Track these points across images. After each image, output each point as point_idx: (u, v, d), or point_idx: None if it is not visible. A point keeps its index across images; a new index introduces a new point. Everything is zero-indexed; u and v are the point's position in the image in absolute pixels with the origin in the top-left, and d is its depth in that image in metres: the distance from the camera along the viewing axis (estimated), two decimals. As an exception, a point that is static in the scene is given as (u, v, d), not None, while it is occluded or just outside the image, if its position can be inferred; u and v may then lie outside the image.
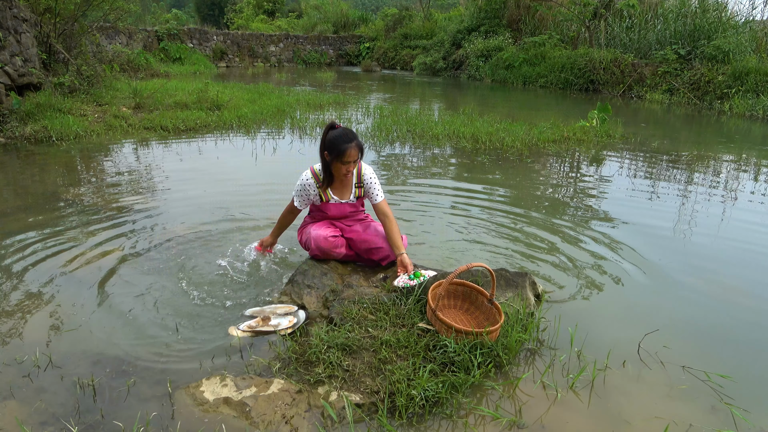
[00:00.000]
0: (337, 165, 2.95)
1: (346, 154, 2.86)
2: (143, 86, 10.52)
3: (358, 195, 3.21)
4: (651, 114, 11.61)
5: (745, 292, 3.24)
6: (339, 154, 2.87)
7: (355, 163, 2.98)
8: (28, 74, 7.99)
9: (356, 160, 2.94)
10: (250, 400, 2.05)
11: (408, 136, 7.76)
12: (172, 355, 2.39)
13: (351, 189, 3.19)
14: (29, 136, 6.84)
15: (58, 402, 2.06)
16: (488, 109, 10.94)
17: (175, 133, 7.66)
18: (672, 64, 13.89)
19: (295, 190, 3.16)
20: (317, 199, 3.16)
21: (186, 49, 22.47)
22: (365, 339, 2.40)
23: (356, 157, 2.92)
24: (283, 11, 38.65)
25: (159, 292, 3.00)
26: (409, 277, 2.85)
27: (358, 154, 2.92)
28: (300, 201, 3.17)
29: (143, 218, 4.15)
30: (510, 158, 6.59)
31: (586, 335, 2.60)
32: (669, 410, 2.12)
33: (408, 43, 26.14)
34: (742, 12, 15.65)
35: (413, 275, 2.85)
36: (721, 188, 5.53)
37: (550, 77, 16.50)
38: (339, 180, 3.11)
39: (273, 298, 2.94)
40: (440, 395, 2.08)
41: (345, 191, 3.19)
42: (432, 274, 2.88)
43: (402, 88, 17.35)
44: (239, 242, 3.69)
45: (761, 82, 11.77)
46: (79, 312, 2.75)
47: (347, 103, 11.46)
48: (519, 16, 20.15)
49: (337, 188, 3.18)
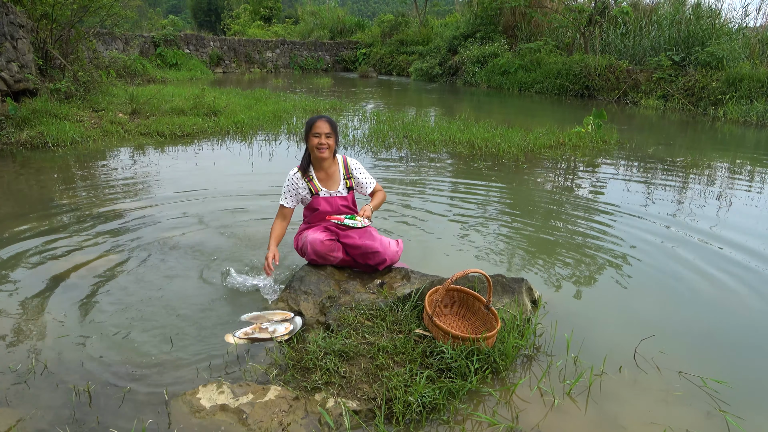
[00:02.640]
0: (310, 140, 3.13)
1: (314, 125, 3.09)
2: (140, 92, 10.52)
3: (349, 186, 3.29)
4: (646, 120, 11.68)
5: (741, 297, 3.25)
6: (310, 127, 3.11)
7: (328, 138, 3.09)
8: (24, 80, 7.98)
9: (327, 133, 3.09)
10: (247, 407, 2.04)
11: (404, 142, 7.78)
12: (168, 362, 2.39)
13: (339, 180, 3.26)
14: (25, 142, 6.83)
15: (53, 409, 2.05)
16: (484, 115, 10.98)
17: (172, 139, 7.66)
18: (666, 71, 13.99)
19: (283, 189, 3.22)
20: (307, 194, 3.20)
21: (183, 55, 22.49)
22: (362, 345, 2.40)
23: (325, 129, 3.08)
24: (279, 17, 38.79)
25: (155, 298, 2.99)
26: (347, 217, 3.11)
27: (327, 126, 3.09)
28: (288, 199, 3.20)
29: (139, 225, 4.15)
30: (506, 164, 6.62)
31: (583, 341, 2.60)
32: (665, 416, 2.13)
33: (404, 49, 26.26)
34: (735, 19, 15.76)
35: (352, 216, 3.14)
36: (716, 193, 5.56)
37: (546, 83, 16.59)
38: (316, 160, 3.19)
39: (270, 304, 2.94)
40: (437, 401, 2.08)
41: (332, 182, 3.25)
42: (368, 223, 3.11)
43: (398, 93, 17.40)
44: (236, 248, 3.69)
45: (755, 88, 11.86)
46: (73, 319, 2.74)
47: (344, 109, 11.49)
48: (514, 23, 20.27)
49: (324, 179, 3.24)
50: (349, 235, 3.16)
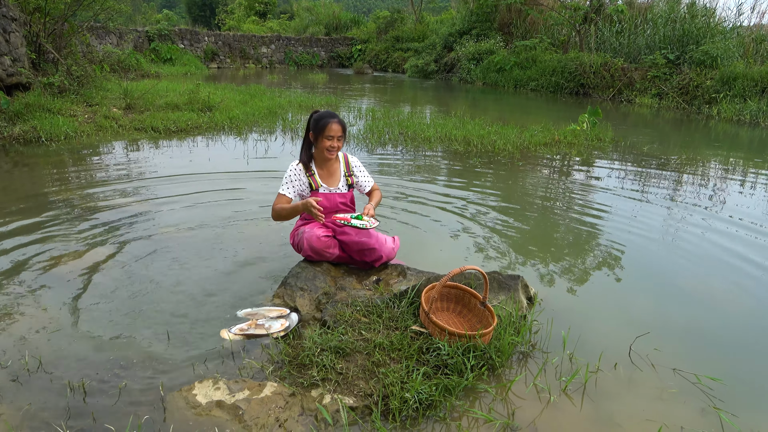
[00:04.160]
0: (321, 141, 3.06)
1: (328, 128, 3.01)
2: (134, 87, 10.44)
3: (349, 183, 3.27)
4: (640, 118, 11.72)
5: (735, 295, 3.28)
6: (322, 129, 3.02)
7: (339, 140, 3.06)
8: (17, 74, 7.91)
9: (339, 136, 3.05)
10: (243, 403, 2.04)
11: (400, 139, 7.77)
12: (164, 358, 2.38)
13: (339, 178, 3.25)
14: (18, 137, 6.76)
15: (48, 406, 2.04)
16: (479, 112, 10.99)
17: (166, 134, 7.61)
18: (661, 69, 14.04)
19: (284, 179, 3.16)
20: (306, 188, 3.17)
21: (177, 49, 22.34)
22: (358, 342, 2.40)
23: (339, 132, 3.04)
24: (274, 13, 38.63)
25: (149, 294, 2.97)
26: (353, 216, 3.03)
27: (340, 130, 3.04)
28: (290, 189, 3.14)
29: (133, 220, 4.12)
30: (502, 161, 6.62)
31: (578, 338, 2.61)
32: (660, 413, 2.14)
33: (400, 46, 26.23)
34: (729, 18, 15.83)
35: (358, 216, 3.04)
36: (710, 192, 5.59)
37: (541, 80, 16.62)
38: (323, 159, 3.16)
39: (265, 300, 2.93)
40: (433, 398, 2.08)
41: (333, 179, 3.23)
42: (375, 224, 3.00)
43: (394, 90, 17.38)
44: (231, 243, 3.68)
45: (748, 87, 11.93)
46: (68, 314, 2.73)
47: (339, 105, 11.45)
48: (510, 20, 20.28)
49: (325, 176, 3.21)
50: (345, 231, 3.15)
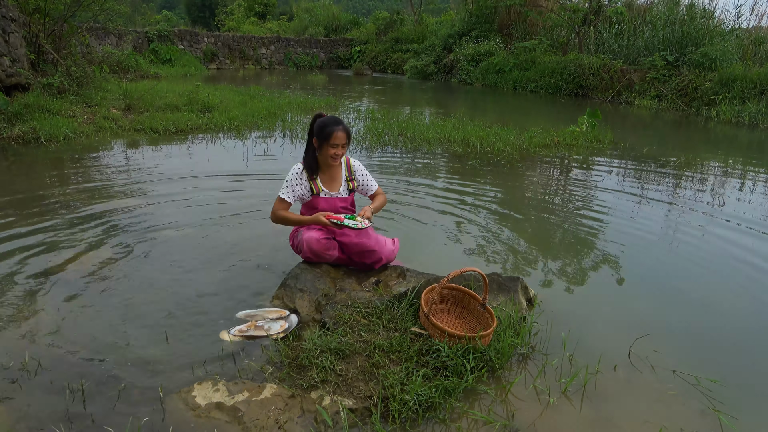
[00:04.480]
0: (325, 149, 3.02)
1: (333, 135, 2.96)
2: (133, 88, 10.44)
3: (351, 188, 3.26)
4: (639, 119, 11.74)
5: (735, 296, 3.28)
6: (327, 137, 2.97)
7: (343, 147, 3.03)
8: (16, 74, 7.90)
9: (344, 143, 3.02)
10: (243, 405, 2.04)
11: (399, 140, 7.78)
12: (163, 360, 2.37)
13: (341, 182, 3.23)
14: (17, 137, 6.75)
15: (47, 408, 2.04)
16: (479, 114, 11.00)
17: (166, 135, 7.61)
18: (660, 71, 14.06)
19: (285, 183, 3.14)
20: (307, 192, 3.16)
21: (176, 50, 22.35)
22: (358, 343, 2.40)
23: (344, 140, 3.00)
24: (274, 14, 38.66)
25: (148, 295, 2.97)
26: (347, 217, 3.02)
27: (345, 138, 3.00)
28: (288, 193, 3.12)
29: (132, 221, 4.12)
30: (501, 162, 6.63)
31: (578, 339, 2.61)
32: (659, 415, 2.14)
33: (399, 47, 26.24)
34: (728, 20, 15.84)
35: (352, 216, 3.04)
36: (709, 193, 5.60)
37: (540, 82, 16.64)
38: (326, 165, 3.14)
39: (265, 301, 2.93)
40: (433, 400, 2.08)
41: (335, 184, 3.21)
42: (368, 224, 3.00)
43: (393, 91, 17.39)
44: (230, 245, 3.67)
45: (747, 88, 11.95)
46: (67, 316, 2.72)
47: (338, 106, 11.46)
48: (510, 22, 20.31)
49: (327, 181, 3.20)
50: (345, 233, 3.14)
